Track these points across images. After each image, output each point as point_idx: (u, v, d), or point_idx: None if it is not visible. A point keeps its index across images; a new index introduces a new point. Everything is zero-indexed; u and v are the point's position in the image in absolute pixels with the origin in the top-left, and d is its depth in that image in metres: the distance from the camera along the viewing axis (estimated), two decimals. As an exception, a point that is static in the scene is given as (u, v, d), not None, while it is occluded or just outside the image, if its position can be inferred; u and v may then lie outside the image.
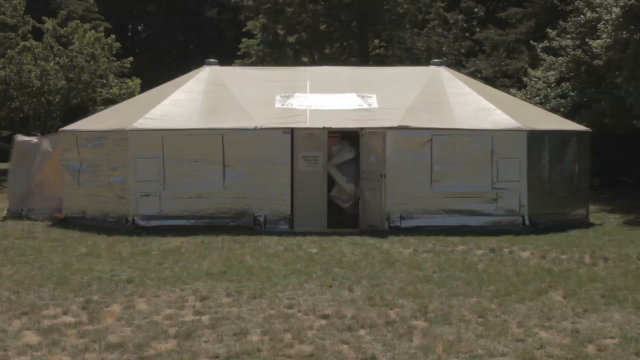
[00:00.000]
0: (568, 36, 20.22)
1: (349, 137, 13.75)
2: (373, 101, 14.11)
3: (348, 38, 35.29)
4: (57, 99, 25.46)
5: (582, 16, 18.75)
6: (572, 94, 20.01)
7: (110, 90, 26.64)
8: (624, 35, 15.30)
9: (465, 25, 35.25)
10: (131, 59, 28.60)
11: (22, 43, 25.06)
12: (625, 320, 7.13)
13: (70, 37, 26.38)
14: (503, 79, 29.04)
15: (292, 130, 13.28)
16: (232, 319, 7.11)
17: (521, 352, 6.12)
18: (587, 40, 18.16)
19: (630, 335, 6.60)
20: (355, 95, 14.27)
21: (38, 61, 24.91)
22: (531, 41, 23.84)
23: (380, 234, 12.43)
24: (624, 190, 20.19)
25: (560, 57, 20.34)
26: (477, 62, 33.59)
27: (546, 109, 18.81)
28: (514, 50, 30.62)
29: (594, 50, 17.01)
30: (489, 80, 26.29)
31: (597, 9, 17.23)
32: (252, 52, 36.94)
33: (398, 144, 13.04)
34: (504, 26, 32.12)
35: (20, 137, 15.95)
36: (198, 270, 9.41)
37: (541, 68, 21.46)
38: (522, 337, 6.54)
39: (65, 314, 7.34)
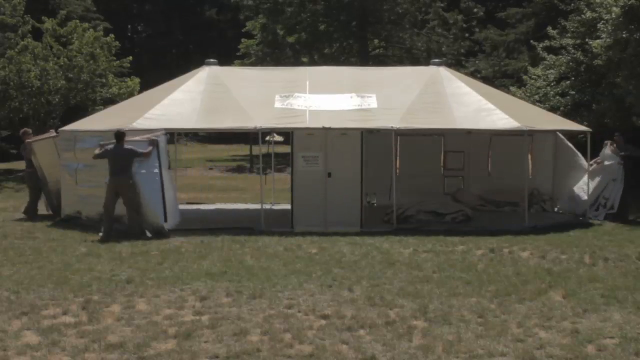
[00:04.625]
0: (568, 35, 20.24)
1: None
2: (372, 101, 14.09)
3: (347, 38, 35.34)
4: (56, 99, 25.47)
5: (582, 16, 18.77)
6: (572, 92, 20.02)
7: (110, 90, 26.66)
8: (623, 35, 15.30)
9: (464, 25, 35.29)
10: (130, 58, 28.62)
11: (22, 43, 25.08)
12: (625, 320, 7.13)
13: (70, 37, 26.39)
14: (503, 78, 29.06)
15: (292, 131, 13.33)
16: (232, 319, 7.11)
17: (521, 352, 6.12)
18: (587, 40, 18.18)
19: (630, 335, 6.60)
20: (354, 95, 14.26)
21: (37, 61, 24.92)
22: (531, 41, 23.86)
23: (380, 233, 12.45)
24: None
25: (560, 56, 20.36)
26: (477, 62, 33.61)
27: (546, 108, 18.83)
28: (514, 50, 30.64)
29: (594, 50, 17.02)
30: (489, 80, 26.31)
31: (597, 9, 17.24)
32: (252, 52, 36.98)
33: None
34: (503, 26, 32.13)
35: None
36: (198, 270, 9.41)
37: (541, 66, 21.48)
38: (522, 337, 6.54)
39: (65, 314, 7.34)
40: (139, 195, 12.34)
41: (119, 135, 12.46)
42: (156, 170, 12.52)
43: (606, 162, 14.71)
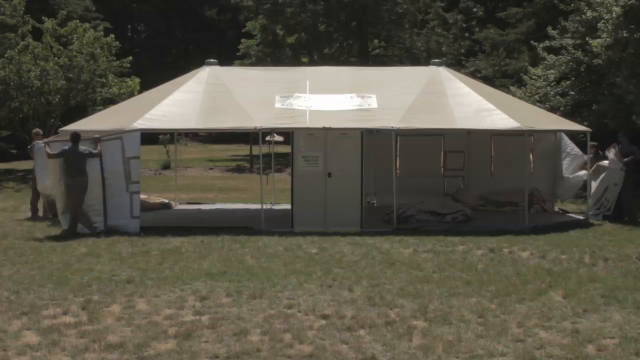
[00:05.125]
0: (568, 35, 20.25)
1: None
2: (373, 101, 14.09)
3: (347, 38, 35.35)
4: (56, 99, 25.47)
5: (582, 16, 18.77)
6: (572, 92, 20.03)
7: (110, 90, 26.65)
8: (624, 34, 15.31)
9: (464, 25, 35.30)
10: (130, 58, 28.62)
11: (22, 43, 25.08)
12: (625, 320, 7.13)
13: (70, 37, 26.40)
14: (503, 78, 29.08)
15: (292, 131, 13.34)
16: (232, 319, 7.11)
17: (521, 352, 6.12)
18: (587, 39, 18.19)
19: (630, 335, 6.60)
20: (355, 95, 14.26)
21: (38, 61, 24.92)
22: (532, 41, 23.87)
23: (380, 233, 12.45)
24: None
25: (560, 56, 20.36)
26: (477, 62, 33.63)
27: (546, 108, 18.84)
28: (514, 50, 30.67)
29: (594, 49, 17.02)
30: (489, 80, 26.33)
31: (597, 8, 17.25)
32: (252, 52, 36.97)
33: None
34: (503, 26, 32.17)
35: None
36: (198, 270, 9.41)
37: (541, 66, 21.49)
38: (522, 337, 6.54)
39: (65, 314, 7.34)
40: (84, 194, 12.58)
41: (75, 136, 12.70)
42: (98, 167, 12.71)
43: (610, 166, 14.69)
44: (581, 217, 14.51)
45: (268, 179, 13.97)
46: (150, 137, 26.83)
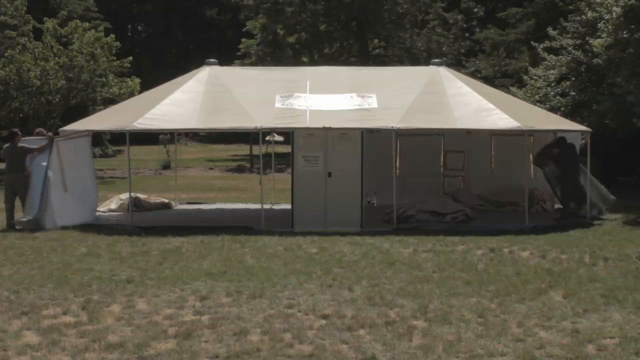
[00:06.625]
0: (568, 35, 20.24)
1: None
2: (373, 101, 14.09)
3: (348, 38, 35.38)
4: (56, 99, 25.48)
5: (582, 16, 18.76)
6: (573, 93, 20.02)
7: (110, 90, 26.67)
8: (624, 35, 15.30)
9: (465, 25, 35.32)
10: (130, 58, 28.64)
11: (22, 43, 25.11)
12: (625, 320, 7.13)
13: (70, 36, 26.42)
14: (503, 78, 29.08)
15: (292, 131, 13.34)
16: (232, 319, 7.11)
17: (521, 352, 6.12)
18: (587, 39, 18.18)
19: (630, 335, 6.60)
20: (355, 95, 14.26)
21: (38, 61, 24.93)
22: (532, 42, 23.88)
23: (380, 233, 12.46)
24: (624, 191, 20.12)
25: (561, 57, 20.36)
26: (477, 62, 33.64)
27: (546, 108, 18.83)
28: (514, 50, 30.67)
29: (594, 49, 17.02)
30: (489, 80, 26.32)
31: (597, 9, 17.25)
32: (252, 52, 36.99)
33: None
34: (504, 26, 32.18)
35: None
36: (198, 270, 9.41)
37: (541, 66, 21.49)
38: (522, 337, 6.54)
39: (65, 313, 7.34)
40: (28, 188, 13.10)
41: (11, 134, 13.50)
42: (44, 164, 13.01)
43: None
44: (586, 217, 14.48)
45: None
46: (150, 137, 26.91)
